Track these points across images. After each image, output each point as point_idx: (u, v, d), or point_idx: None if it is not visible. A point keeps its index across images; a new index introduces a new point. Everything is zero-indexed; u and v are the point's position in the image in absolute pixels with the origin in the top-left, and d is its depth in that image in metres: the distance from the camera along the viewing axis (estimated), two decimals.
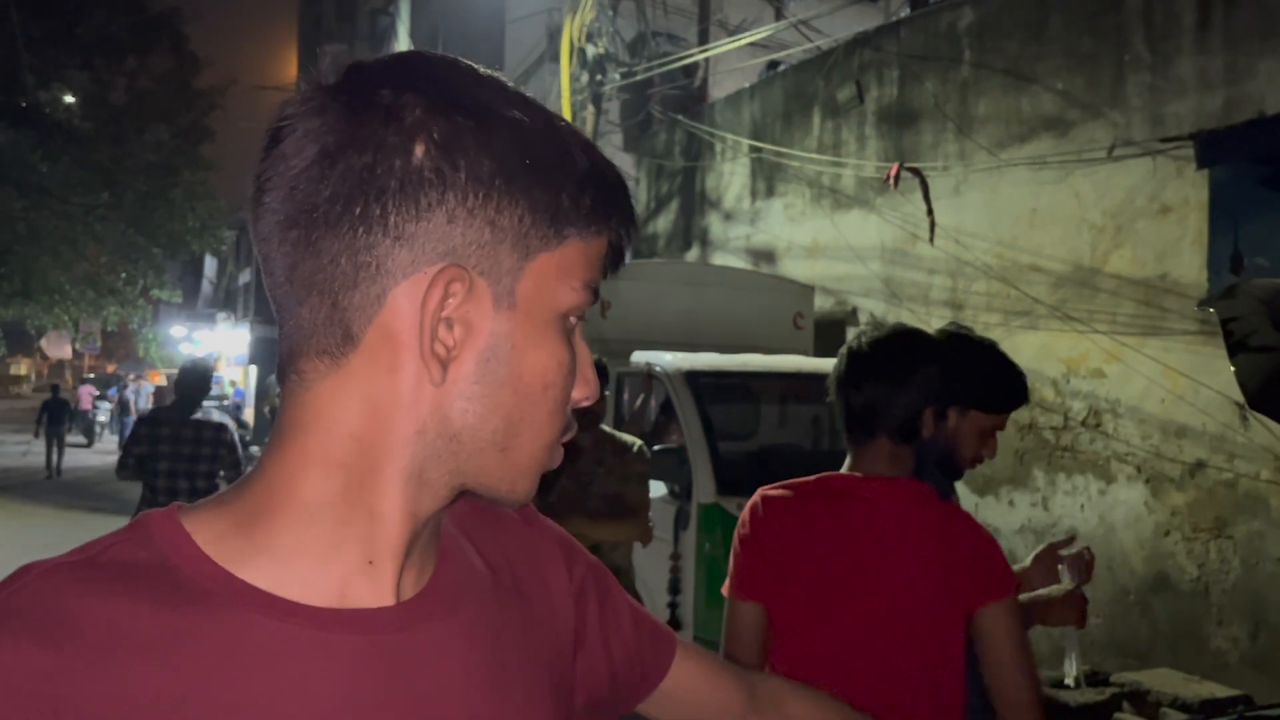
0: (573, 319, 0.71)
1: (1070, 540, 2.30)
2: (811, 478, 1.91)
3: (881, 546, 1.81)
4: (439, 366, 0.65)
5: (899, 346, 1.88)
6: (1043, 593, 2.14)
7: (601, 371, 3.78)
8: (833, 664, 1.74)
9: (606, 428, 3.92)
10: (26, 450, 21.44)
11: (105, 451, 22.05)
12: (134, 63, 25.59)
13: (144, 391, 24.39)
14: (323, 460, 0.66)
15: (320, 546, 0.67)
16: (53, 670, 0.58)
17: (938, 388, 1.87)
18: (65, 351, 32.77)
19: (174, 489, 5.44)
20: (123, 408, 23.76)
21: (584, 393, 0.73)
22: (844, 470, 1.91)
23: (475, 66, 0.70)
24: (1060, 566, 2.21)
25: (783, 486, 1.91)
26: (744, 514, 1.91)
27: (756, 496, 1.91)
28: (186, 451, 5.52)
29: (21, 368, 63.54)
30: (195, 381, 5.58)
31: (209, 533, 0.66)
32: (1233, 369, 2.18)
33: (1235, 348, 2.23)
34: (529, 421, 0.69)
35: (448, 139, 0.64)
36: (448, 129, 0.64)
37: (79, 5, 23.00)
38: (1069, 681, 2.23)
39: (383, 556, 0.69)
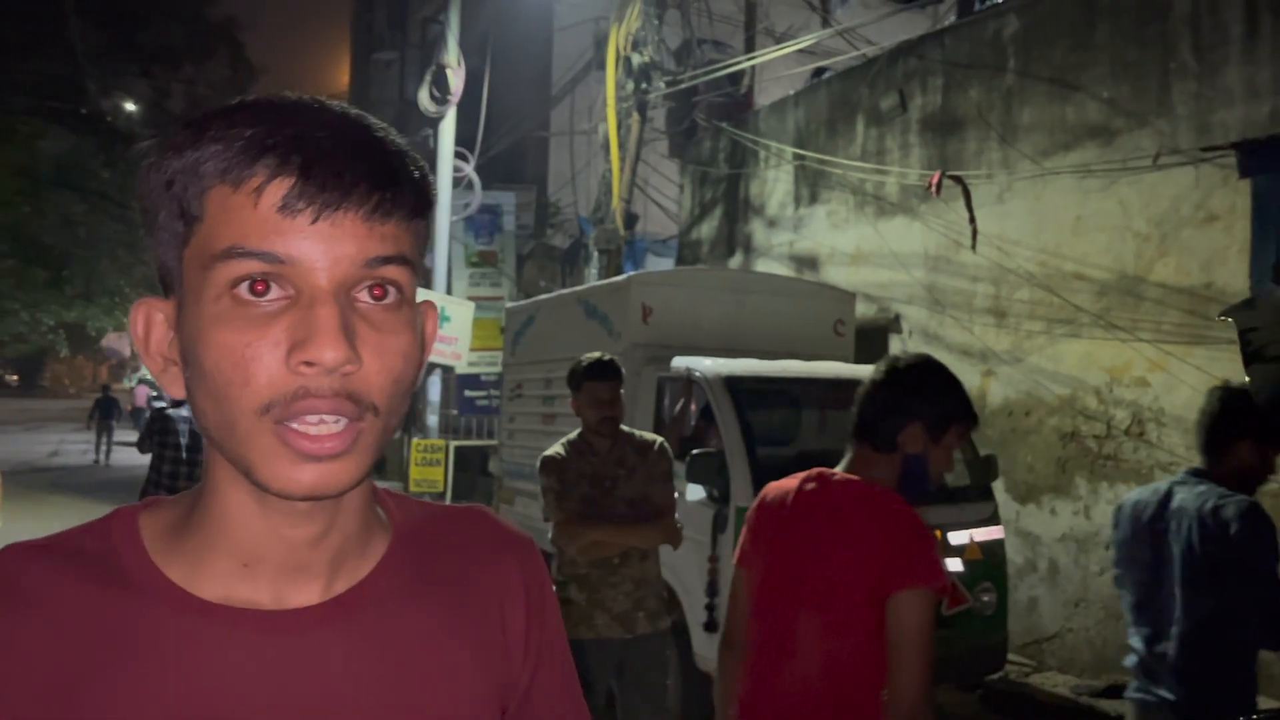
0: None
1: None
2: (807, 471, 2.22)
3: (826, 531, 2.10)
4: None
5: (897, 376, 2.16)
6: None
7: (614, 371, 3.75)
8: (778, 627, 2.12)
9: (625, 427, 3.85)
10: (87, 449, 22.17)
11: None
12: (191, 71, 26.25)
13: None
14: (214, 463, 0.76)
15: (222, 548, 0.75)
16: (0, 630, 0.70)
17: (923, 411, 2.12)
18: (124, 352, 33.60)
19: (175, 485, 6.12)
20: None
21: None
22: (837, 468, 2.19)
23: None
24: None
25: (789, 478, 2.23)
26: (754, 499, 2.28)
27: (766, 487, 2.26)
28: (186, 446, 6.33)
29: (83, 370, 65.15)
30: None
31: (154, 529, 0.77)
32: (1246, 379, 2.21)
33: (1251, 357, 2.26)
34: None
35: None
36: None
37: (139, 15, 23.61)
38: None
39: (256, 560, 0.75)
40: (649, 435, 3.94)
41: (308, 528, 0.75)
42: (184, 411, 6.42)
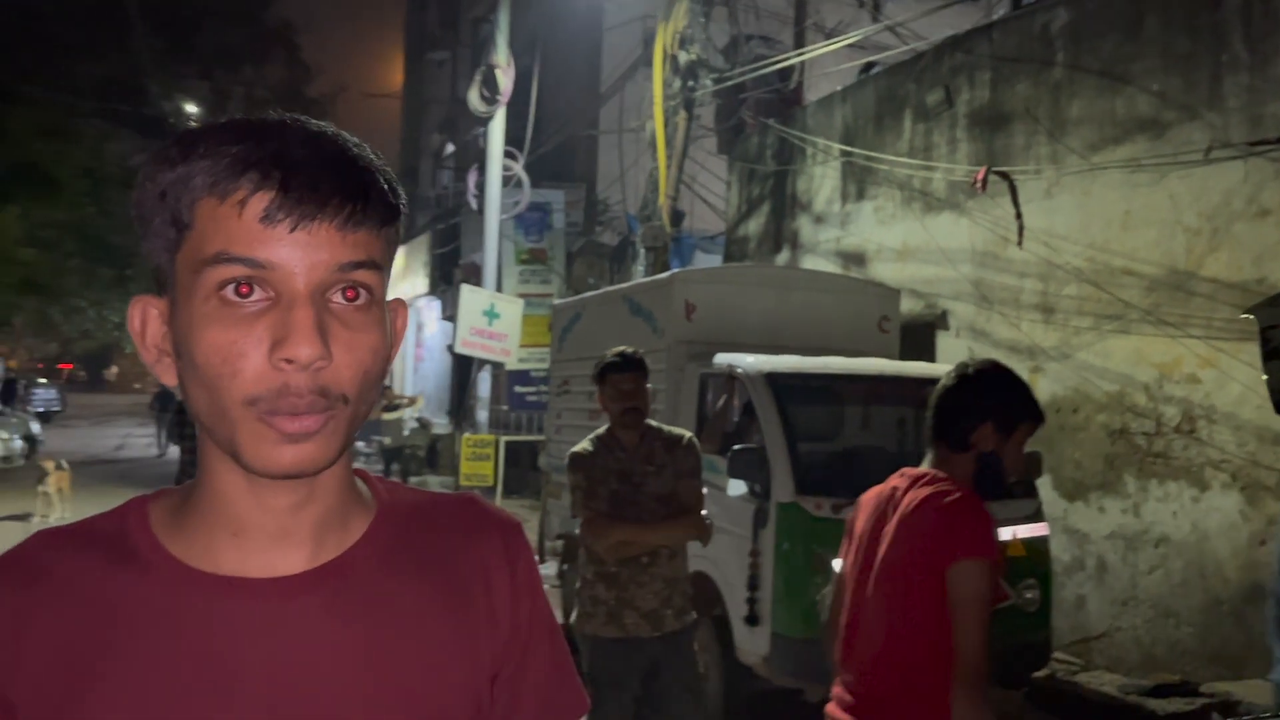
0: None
1: None
2: (898, 471, 2.47)
3: (897, 516, 2.32)
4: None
5: (967, 380, 2.38)
6: None
7: (635, 363, 3.75)
8: (856, 605, 2.36)
9: (653, 422, 3.85)
10: (150, 442, 22.84)
11: None
12: (250, 72, 26.77)
13: None
14: (205, 446, 0.85)
15: (215, 522, 0.84)
16: (21, 605, 0.80)
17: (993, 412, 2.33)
18: None
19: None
20: None
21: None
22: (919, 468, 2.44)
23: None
24: None
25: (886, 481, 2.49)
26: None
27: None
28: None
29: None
30: None
31: (160, 512, 0.87)
32: (1264, 376, 2.21)
33: (1271, 354, 2.26)
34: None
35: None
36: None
37: (198, 18, 24.10)
38: None
39: (244, 529, 0.84)
40: (678, 430, 3.92)
41: (289, 496, 0.84)
42: None
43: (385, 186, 0.82)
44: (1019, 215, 6.94)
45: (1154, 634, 6.44)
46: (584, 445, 3.81)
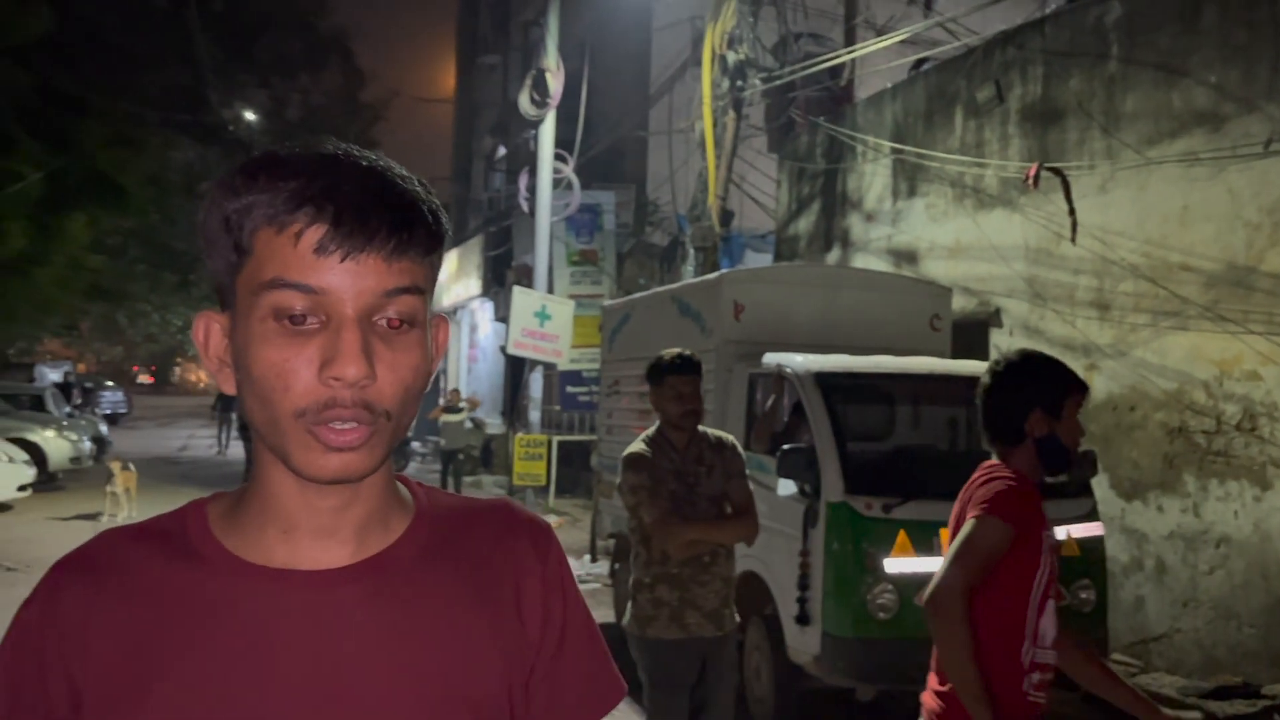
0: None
1: None
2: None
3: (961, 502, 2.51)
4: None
5: (1000, 377, 2.48)
6: None
7: (695, 365, 3.79)
8: None
9: (701, 426, 3.90)
10: (213, 443, 23.38)
11: None
12: (307, 80, 27.24)
13: None
14: (259, 450, 0.91)
15: (267, 520, 0.91)
16: (89, 597, 0.88)
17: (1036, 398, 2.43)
18: None
19: None
20: None
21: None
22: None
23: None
24: None
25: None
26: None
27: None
28: None
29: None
30: None
31: (217, 510, 0.95)
32: None
33: None
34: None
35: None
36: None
37: (257, 28, 24.58)
38: None
39: (293, 526, 0.91)
40: (722, 433, 3.99)
41: (334, 498, 0.91)
42: None
43: (429, 218, 0.88)
44: (1072, 211, 6.86)
45: (1215, 635, 6.33)
46: (640, 448, 3.81)
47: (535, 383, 13.26)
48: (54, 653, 0.87)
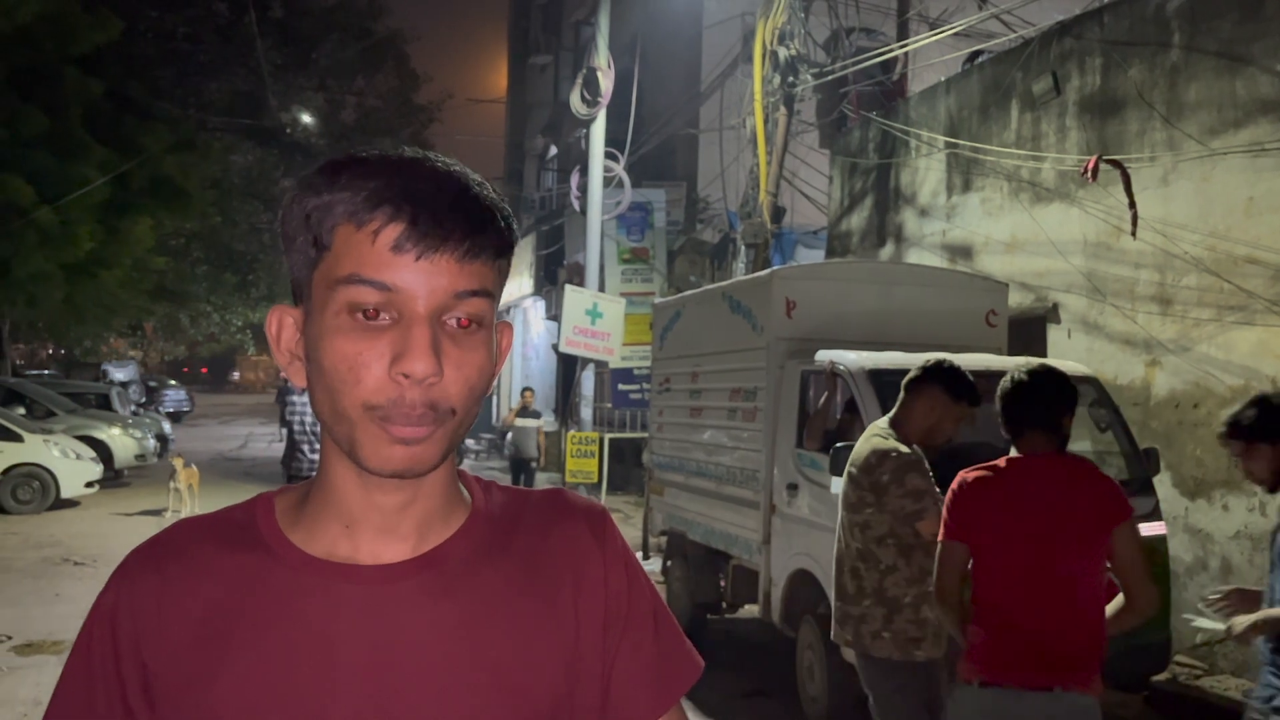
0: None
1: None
2: (992, 461, 2.96)
3: (1042, 496, 2.81)
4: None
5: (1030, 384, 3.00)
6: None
7: (979, 401, 3.61)
8: (1019, 576, 2.79)
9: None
10: (273, 439, 23.82)
11: None
12: (362, 83, 27.62)
13: None
14: (326, 446, 0.94)
15: (330, 515, 0.94)
16: (160, 586, 0.92)
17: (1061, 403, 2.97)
18: None
19: (299, 448, 8.77)
20: None
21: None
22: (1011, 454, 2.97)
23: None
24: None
25: (975, 469, 2.97)
26: (951, 488, 2.98)
27: (958, 476, 2.98)
28: (310, 420, 8.37)
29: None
30: None
31: (284, 504, 0.98)
32: None
33: None
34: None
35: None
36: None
37: (315, 34, 24.97)
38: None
39: (355, 522, 0.93)
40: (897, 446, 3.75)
41: (397, 495, 0.93)
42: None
43: (502, 223, 0.90)
44: (1133, 204, 6.72)
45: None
46: (899, 445, 3.56)
47: (587, 380, 13.31)
48: (128, 638, 0.91)
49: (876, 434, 3.68)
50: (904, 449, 3.53)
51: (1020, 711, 2.75)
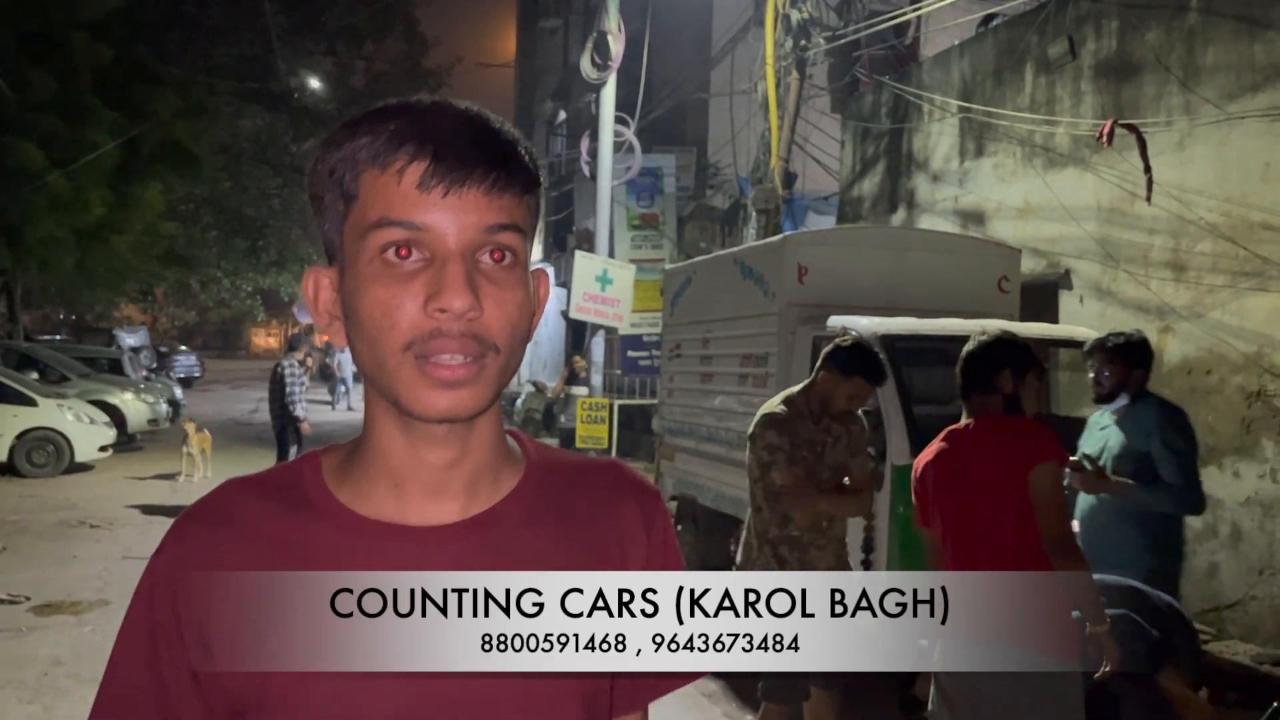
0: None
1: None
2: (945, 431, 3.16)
3: (975, 453, 3.01)
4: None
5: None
6: None
7: (885, 379, 4.02)
8: (968, 546, 2.98)
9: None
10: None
11: (352, 410, 24.06)
12: (371, 48, 27.45)
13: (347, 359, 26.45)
14: (371, 402, 0.94)
15: (378, 474, 0.93)
16: (211, 547, 0.92)
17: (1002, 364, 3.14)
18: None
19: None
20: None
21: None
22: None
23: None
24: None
25: (925, 451, 3.18)
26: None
27: (915, 463, 3.19)
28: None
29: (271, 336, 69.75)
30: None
31: (330, 463, 0.98)
32: None
33: None
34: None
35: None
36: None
37: None
38: None
39: (404, 481, 0.92)
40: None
41: (444, 452, 0.92)
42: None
43: (525, 157, 0.90)
44: (1148, 169, 6.67)
45: None
46: (779, 408, 3.88)
47: (596, 347, 13.31)
48: (184, 600, 0.91)
49: (779, 395, 4.06)
50: (774, 408, 3.87)
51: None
